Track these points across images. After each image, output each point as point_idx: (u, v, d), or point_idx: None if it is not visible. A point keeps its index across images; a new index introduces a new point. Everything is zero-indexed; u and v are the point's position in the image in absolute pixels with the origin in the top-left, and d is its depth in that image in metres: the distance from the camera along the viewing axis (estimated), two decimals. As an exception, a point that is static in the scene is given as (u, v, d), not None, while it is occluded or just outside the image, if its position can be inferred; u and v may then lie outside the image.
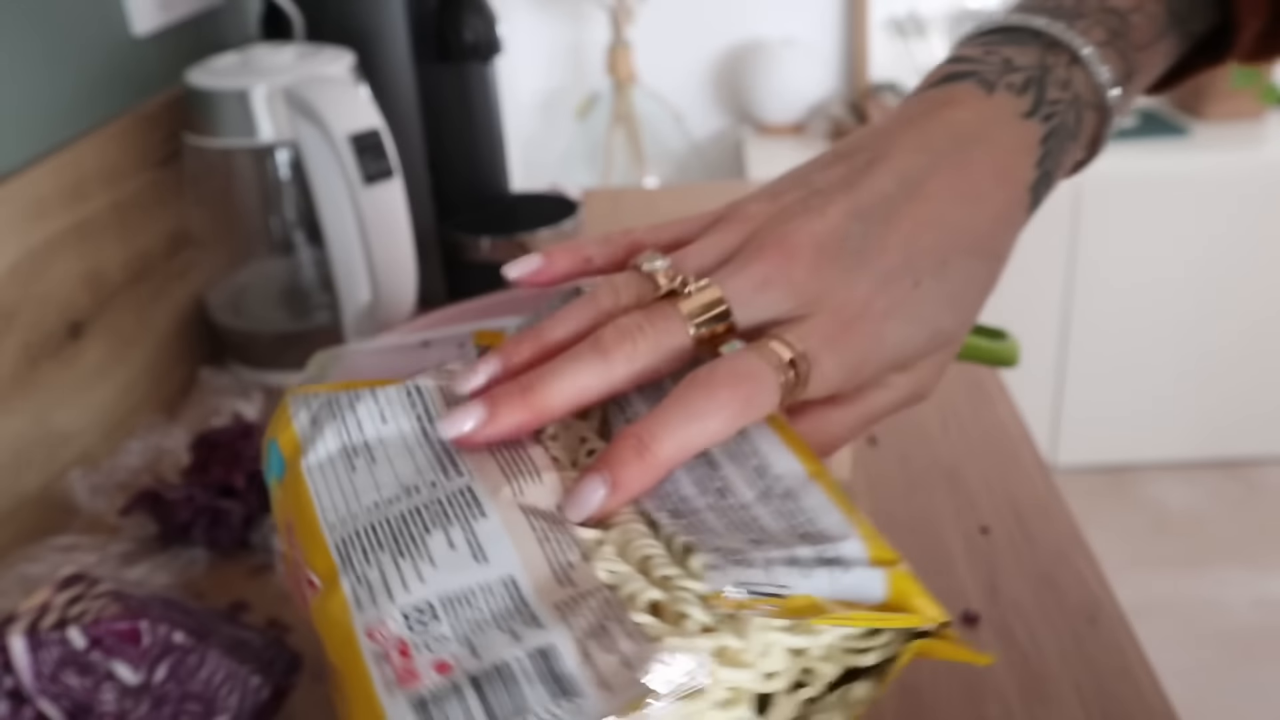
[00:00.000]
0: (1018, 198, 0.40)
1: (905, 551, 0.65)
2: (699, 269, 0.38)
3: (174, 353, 0.88)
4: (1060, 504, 0.68)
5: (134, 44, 0.87)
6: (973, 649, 0.57)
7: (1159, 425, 2.22)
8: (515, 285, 0.51)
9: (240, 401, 0.83)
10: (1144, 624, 1.84)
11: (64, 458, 0.73)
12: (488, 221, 0.99)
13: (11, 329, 0.68)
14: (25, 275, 0.70)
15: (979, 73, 0.40)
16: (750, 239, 0.39)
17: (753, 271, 0.37)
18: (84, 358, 0.76)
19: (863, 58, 2.28)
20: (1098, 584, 0.61)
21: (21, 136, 0.73)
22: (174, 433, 0.78)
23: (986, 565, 0.63)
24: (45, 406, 0.71)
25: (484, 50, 0.94)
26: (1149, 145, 2.06)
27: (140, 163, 0.83)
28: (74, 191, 0.75)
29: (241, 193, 0.84)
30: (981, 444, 0.75)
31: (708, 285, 0.37)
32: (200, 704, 0.49)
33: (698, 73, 2.35)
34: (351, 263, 0.84)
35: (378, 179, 0.77)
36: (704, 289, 0.37)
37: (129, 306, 0.81)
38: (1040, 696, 0.54)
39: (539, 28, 2.33)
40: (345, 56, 0.85)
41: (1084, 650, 0.57)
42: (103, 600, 0.48)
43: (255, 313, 0.89)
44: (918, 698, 0.54)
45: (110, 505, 0.71)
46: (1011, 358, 0.54)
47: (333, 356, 0.59)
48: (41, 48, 0.75)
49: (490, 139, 1.00)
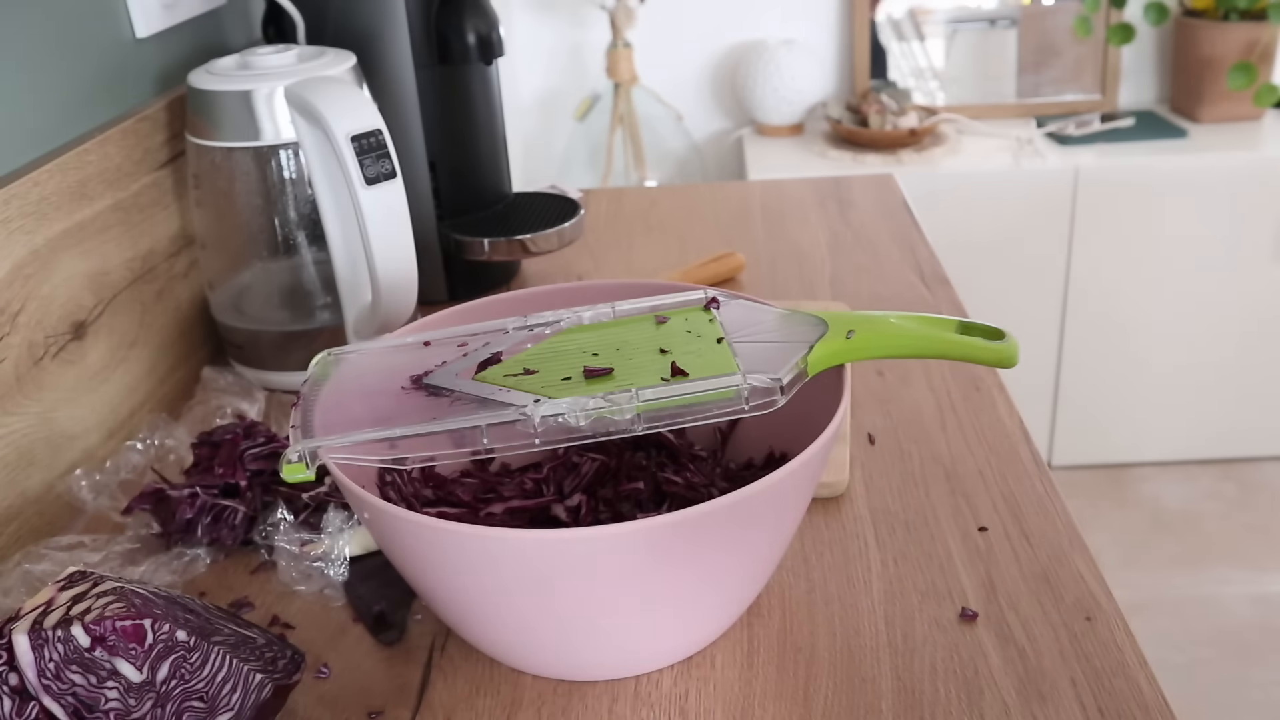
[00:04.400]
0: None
1: (903, 550, 0.65)
2: None
3: (176, 352, 0.88)
4: (1058, 502, 0.69)
5: (137, 46, 0.87)
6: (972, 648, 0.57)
7: (1156, 424, 2.22)
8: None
9: (243, 401, 0.83)
10: (1141, 622, 1.85)
11: (67, 457, 0.74)
12: (488, 222, 0.99)
13: (15, 329, 0.69)
14: (29, 275, 0.70)
15: None
16: None
17: None
18: (87, 357, 0.76)
19: (862, 58, 2.28)
20: (1095, 582, 0.62)
21: (25, 137, 0.73)
22: (176, 432, 0.79)
23: (984, 563, 0.64)
24: (49, 406, 0.72)
25: (485, 52, 0.94)
26: (1147, 146, 2.07)
27: (143, 164, 0.83)
28: (77, 192, 0.75)
29: (244, 194, 0.84)
30: (979, 443, 0.75)
31: None
32: (203, 702, 0.49)
33: (698, 74, 2.36)
34: (353, 263, 0.84)
35: (379, 180, 0.77)
36: None
37: (132, 307, 0.82)
38: (1038, 694, 0.54)
39: (540, 29, 2.33)
40: (347, 58, 0.85)
41: (1081, 648, 0.57)
42: (106, 598, 0.49)
43: (257, 313, 0.89)
44: (917, 696, 0.55)
45: (113, 504, 0.72)
46: (1010, 358, 0.54)
47: (335, 357, 0.60)
48: (45, 50, 0.76)
49: (491, 140, 1.00)
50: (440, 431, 0.51)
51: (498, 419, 0.51)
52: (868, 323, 0.56)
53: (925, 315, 0.57)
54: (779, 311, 0.60)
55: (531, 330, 0.61)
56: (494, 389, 0.54)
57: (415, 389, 0.56)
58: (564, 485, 0.65)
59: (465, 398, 0.54)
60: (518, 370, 0.56)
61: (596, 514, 0.64)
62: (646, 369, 0.55)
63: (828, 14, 2.30)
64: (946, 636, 0.58)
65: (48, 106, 0.76)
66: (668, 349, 0.57)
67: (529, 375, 0.55)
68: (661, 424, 0.51)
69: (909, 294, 0.98)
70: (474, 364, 0.57)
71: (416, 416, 0.53)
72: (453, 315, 0.67)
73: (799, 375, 0.53)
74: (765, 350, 0.56)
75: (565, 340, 0.59)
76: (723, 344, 0.57)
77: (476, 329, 0.61)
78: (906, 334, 0.55)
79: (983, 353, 0.54)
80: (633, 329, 0.60)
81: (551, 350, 0.58)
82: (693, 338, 0.58)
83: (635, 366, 0.55)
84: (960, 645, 0.58)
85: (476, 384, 0.55)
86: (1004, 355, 0.54)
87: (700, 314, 0.61)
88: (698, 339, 0.57)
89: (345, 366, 0.59)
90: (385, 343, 0.62)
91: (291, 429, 0.54)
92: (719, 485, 0.64)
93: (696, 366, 0.54)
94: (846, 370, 0.57)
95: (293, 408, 0.56)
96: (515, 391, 0.53)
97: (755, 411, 0.51)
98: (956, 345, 0.55)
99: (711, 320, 0.60)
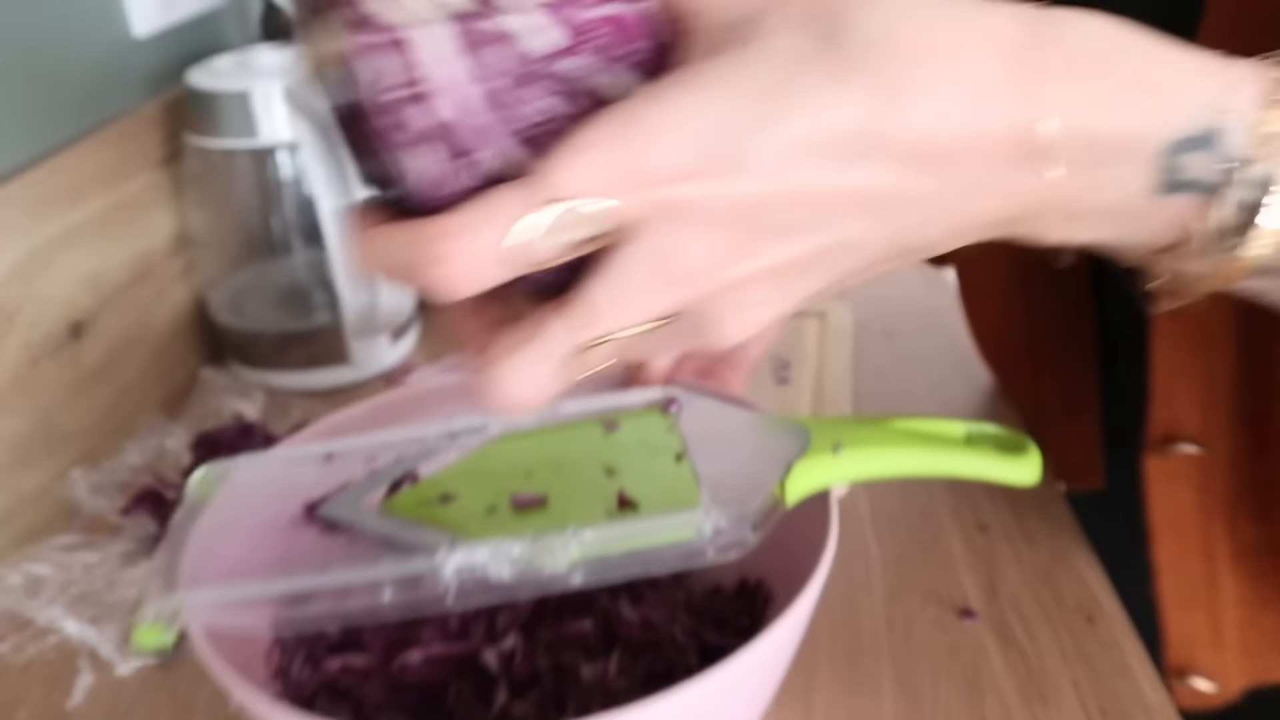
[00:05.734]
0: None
1: (904, 551, 0.65)
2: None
3: (174, 353, 0.88)
4: (1059, 502, 0.68)
5: (135, 45, 0.87)
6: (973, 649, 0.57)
7: (1158, 425, 2.22)
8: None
9: (241, 401, 0.83)
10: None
11: (65, 457, 0.73)
12: (487, 222, 0.99)
13: (13, 329, 0.68)
14: (27, 275, 0.70)
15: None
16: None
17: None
18: (85, 358, 0.76)
19: (862, 58, 2.28)
20: (1096, 582, 0.62)
21: (23, 137, 0.73)
22: (175, 433, 0.79)
23: (985, 563, 0.63)
24: (46, 406, 0.72)
25: (484, 51, 0.94)
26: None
27: (141, 163, 0.83)
28: (75, 192, 0.75)
29: (242, 193, 0.84)
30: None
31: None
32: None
33: (697, 73, 2.35)
34: (352, 263, 0.84)
35: (378, 179, 0.77)
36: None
37: (130, 307, 0.82)
38: (1039, 695, 0.54)
39: (538, 28, 2.33)
40: (345, 57, 0.85)
41: (1083, 649, 0.57)
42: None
43: (256, 313, 0.89)
44: (917, 697, 0.54)
45: (111, 505, 0.72)
46: (1028, 479, 0.46)
47: (219, 474, 0.51)
48: (43, 49, 0.76)
49: (490, 139, 1.00)
50: (329, 590, 0.41)
51: (401, 572, 0.41)
52: (859, 433, 0.47)
53: (932, 419, 0.49)
54: (752, 416, 0.52)
55: (455, 439, 0.51)
56: (401, 525, 0.45)
57: (308, 522, 0.48)
58: (496, 620, 0.52)
59: (367, 537, 0.45)
60: (433, 496, 0.47)
61: (534, 662, 0.51)
62: (588, 497, 0.45)
63: (828, 14, 2.29)
64: (947, 637, 0.58)
65: (45, 106, 0.76)
66: (615, 468, 0.47)
67: (446, 504, 0.46)
68: (605, 575, 0.41)
69: (909, 294, 0.98)
70: (382, 486, 0.49)
71: (305, 562, 0.43)
72: (353, 420, 0.56)
73: (774, 507, 0.43)
74: (734, 469, 0.47)
75: (495, 453, 0.50)
76: (683, 462, 0.47)
77: (390, 438, 0.52)
78: (904, 454, 0.46)
79: (996, 473, 0.46)
80: (575, 439, 0.51)
81: (476, 468, 0.49)
82: (647, 452, 0.49)
83: (575, 493, 0.46)
84: (961, 646, 0.57)
85: (381, 518, 0.46)
86: (1021, 476, 0.46)
87: (658, 419, 0.52)
88: (653, 454, 0.48)
89: (230, 487, 0.50)
90: (281, 454, 0.53)
91: (153, 575, 0.44)
92: (682, 622, 0.52)
93: (650, 495, 0.45)
94: (831, 494, 0.48)
95: (158, 543, 0.47)
96: (427, 528, 0.44)
97: (721, 557, 0.41)
98: (965, 464, 0.46)
99: (670, 428, 0.51)
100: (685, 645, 0.50)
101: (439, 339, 0.95)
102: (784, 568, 0.46)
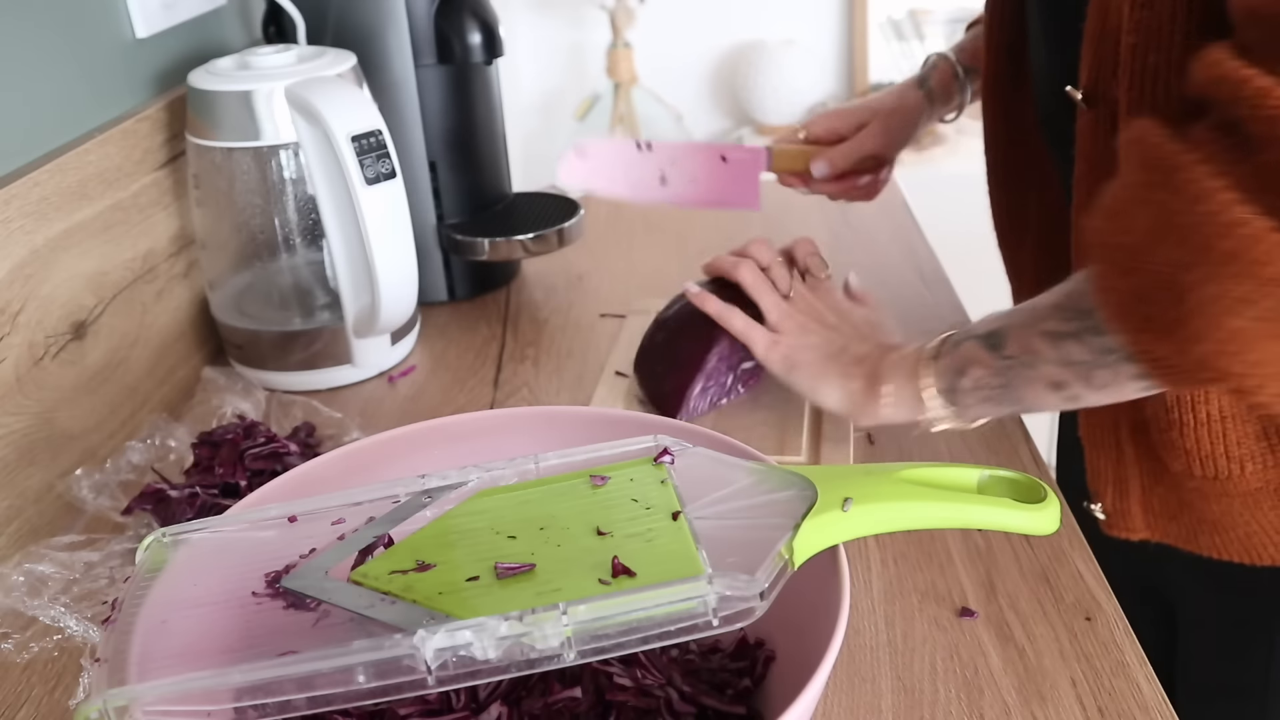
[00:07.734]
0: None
1: (903, 550, 0.65)
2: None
3: (177, 352, 0.88)
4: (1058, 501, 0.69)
5: (137, 46, 0.87)
6: (972, 648, 0.57)
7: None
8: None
9: (243, 401, 0.83)
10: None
11: (68, 457, 0.74)
12: (488, 222, 0.99)
13: (15, 329, 0.69)
14: (29, 275, 0.70)
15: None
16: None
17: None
18: (87, 357, 0.76)
19: (862, 58, 2.28)
20: (1095, 582, 0.62)
21: (26, 138, 0.73)
22: (177, 432, 0.79)
23: (984, 563, 0.64)
24: (49, 406, 0.72)
25: (485, 51, 0.94)
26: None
27: (143, 164, 0.83)
28: (78, 192, 0.75)
29: (244, 194, 0.84)
30: (979, 441, 0.75)
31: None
32: None
33: (697, 73, 2.36)
34: (353, 263, 0.84)
35: (379, 180, 0.77)
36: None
37: (132, 307, 0.82)
38: (1037, 694, 0.54)
39: (540, 29, 2.33)
40: (347, 58, 0.85)
41: (1081, 647, 0.57)
42: None
43: (257, 313, 0.89)
44: (917, 695, 0.55)
45: (114, 504, 0.72)
46: (1046, 528, 0.45)
47: (172, 539, 0.47)
48: (46, 51, 0.76)
49: (491, 140, 1.00)
50: (295, 677, 0.37)
51: (376, 656, 0.37)
52: (868, 486, 0.44)
53: (943, 465, 0.46)
54: (751, 467, 0.48)
55: (430, 497, 0.47)
56: (374, 600, 0.41)
57: (271, 596, 0.43)
58: (479, 689, 0.48)
59: (335, 612, 0.41)
60: (408, 563, 0.43)
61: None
62: (579, 564, 0.41)
63: (828, 14, 2.30)
64: (946, 636, 0.58)
65: (47, 106, 0.76)
66: (607, 529, 0.44)
67: (422, 573, 0.42)
68: (602, 651, 0.38)
69: (909, 294, 0.98)
70: (351, 553, 0.45)
71: (269, 640, 0.39)
72: (336, 462, 0.51)
73: (782, 571, 0.40)
74: (736, 530, 0.44)
75: (473, 511, 0.47)
76: (680, 522, 0.44)
77: (360, 496, 0.48)
78: (917, 507, 0.44)
79: (1013, 524, 0.44)
80: (561, 495, 0.47)
81: (455, 529, 0.45)
82: (641, 511, 0.45)
83: (564, 559, 0.42)
84: (960, 645, 0.58)
85: (351, 590, 0.42)
86: (1040, 525, 0.44)
87: (650, 470, 0.48)
88: (646, 512, 0.45)
89: (183, 556, 0.45)
90: (238, 518, 0.48)
91: (96, 664, 0.39)
92: (679, 688, 0.48)
93: (646, 560, 0.41)
94: (840, 550, 0.45)
95: (104, 625, 0.42)
96: (402, 603, 0.40)
97: (726, 627, 0.38)
98: (980, 516, 0.44)
99: (664, 481, 0.47)
100: (682, 712, 0.47)
101: (439, 339, 0.95)
102: (788, 625, 0.44)
